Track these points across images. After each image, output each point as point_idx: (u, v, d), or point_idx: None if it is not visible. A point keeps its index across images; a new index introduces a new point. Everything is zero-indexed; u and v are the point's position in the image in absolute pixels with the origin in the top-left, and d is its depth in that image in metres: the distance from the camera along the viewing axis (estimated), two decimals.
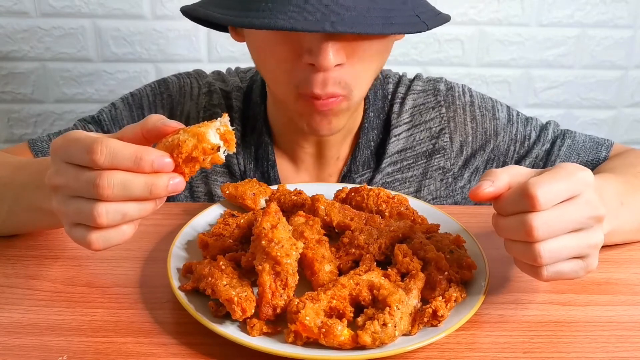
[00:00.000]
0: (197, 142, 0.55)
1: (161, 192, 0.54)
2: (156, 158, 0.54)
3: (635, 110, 1.71)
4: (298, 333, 0.54)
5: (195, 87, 0.97)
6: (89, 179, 0.53)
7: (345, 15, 0.66)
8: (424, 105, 0.96)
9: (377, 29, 0.67)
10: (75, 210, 0.55)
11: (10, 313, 0.61)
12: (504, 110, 0.98)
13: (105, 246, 0.56)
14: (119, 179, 0.53)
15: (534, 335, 0.59)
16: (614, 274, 0.69)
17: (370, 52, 0.75)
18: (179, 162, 0.55)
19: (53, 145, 0.57)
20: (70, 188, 0.55)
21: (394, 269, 0.62)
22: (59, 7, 1.48)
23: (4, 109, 1.58)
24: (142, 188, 0.53)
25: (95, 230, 0.55)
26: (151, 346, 0.57)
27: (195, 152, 0.55)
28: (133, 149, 0.53)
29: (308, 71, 0.73)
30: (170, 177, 0.55)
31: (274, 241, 0.58)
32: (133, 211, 0.55)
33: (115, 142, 0.53)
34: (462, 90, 0.98)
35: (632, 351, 0.57)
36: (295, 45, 0.73)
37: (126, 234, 0.56)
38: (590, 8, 1.57)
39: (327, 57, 0.70)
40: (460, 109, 0.96)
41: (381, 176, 0.93)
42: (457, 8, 1.53)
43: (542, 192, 0.53)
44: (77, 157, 0.54)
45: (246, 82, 0.98)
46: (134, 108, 0.96)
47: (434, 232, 0.71)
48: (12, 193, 0.69)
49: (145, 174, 0.54)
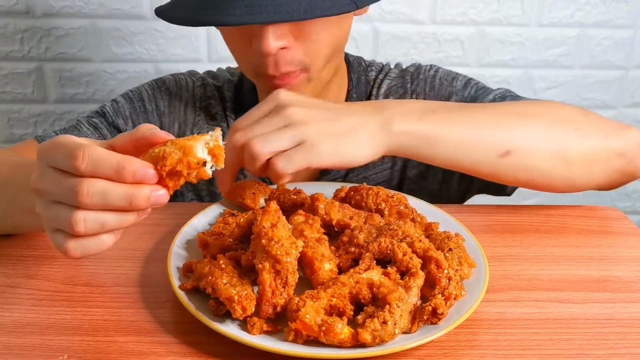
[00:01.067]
0: (183, 155, 0.53)
1: (141, 203, 0.53)
2: (138, 169, 0.52)
3: (635, 110, 1.71)
4: (298, 331, 0.54)
5: (190, 82, 1.01)
6: (70, 185, 0.52)
7: (268, 6, 0.70)
8: (395, 87, 0.99)
9: (297, 16, 0.71)
10: (54, 216, 0.54)
11: (10, 313, 0.62)
12: (463, 80, 0.99)
13: (82, 255, 0.54)
14: (98, 187, 0.51)
15: (533, 332, 0.59)
16: (613, 272, 0.70)
17: (316, 30, 0.78)
18: (163, 175, 0.53)
19: (39, 149, 0.56)
20: (52, 193, 0.54)
21: (394, 267, 0.62)
22: (59, 7, 1.48)
23: (4, 109, 1.58)
24: (122, 198, 0.52)
25: (73, 238, 0.54)
26: (152, 345, 0.57)
27: (180, 165, 0.53)
28: (116, 157, 0.52)
29: (259, 55, 0.77)
30: (152, 189, 0.53)
31: (273, 240, 0.58)
32: (112, 221, 0.53)
33: (99, 149, 0.52)
34: (430, 67, 1.01)
35: (631, 348, 0.57)
36: (244, 33, 0.78)
37: (105, 243, 0.55)
38: (590, 8, 1.57)
39: (268, 42, 0.74)
40: (422, 82, 0.98)
41: None
42: (457, 8, 1.54)
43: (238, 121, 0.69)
44: (60, 162, 0.53)
45: (236, 76, 1.02)
46: (135, 101, 0.98)
47: (433, 230, 0.71)
48: (9, 193, 0.69)
49: (126, 185, 0.52)
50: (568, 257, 0.73)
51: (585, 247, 0.75)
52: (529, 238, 0.76)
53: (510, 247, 0.74)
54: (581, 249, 0.75)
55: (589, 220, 0.81)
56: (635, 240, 0.77)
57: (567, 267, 0.70)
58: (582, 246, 0.75)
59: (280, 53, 0.77)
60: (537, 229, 0.78)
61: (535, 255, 0.73)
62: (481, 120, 0.75)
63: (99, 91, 1.57)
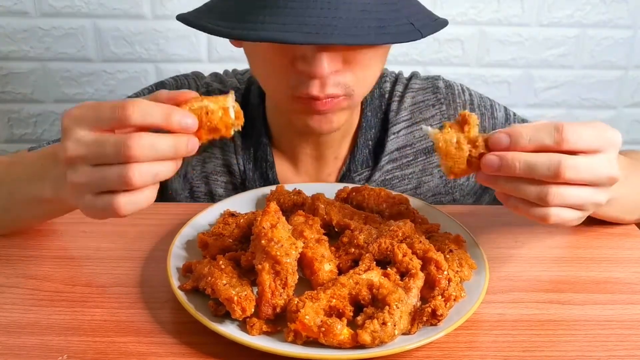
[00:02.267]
0: (223, 114, 0.58)
1: (183, 151, 0.56)
2: (182, 117, 0.55)
3: (635, 110, 1.71)
4: (298, 332, 0.54)
5: (194, 87, 0.97)
6: (117, 142, 0.53)
7: (337, 27, 0.66)
8: (423, 103, 0.96)
9: (369, 39, 0.67)
10: (100, 177, 0.55)
11: (10, 313, 0.62)
12: (501, 110, 0.99)
13: (132, 210, 0.56)
14: (147, 140, 0.54)
15: (533, 334, 0.59)
16: (613, 273, 0.70)
17: (368, 57, 0.75)
18: (202, 127, 0.57)
19: (69, 115, 0.57)
20: (93, 156, 0.55)
21: (394, 268, 0.62)
22: (59, 7, 1.48)
23: (4, 109, 1.58)
24: (169, 147, 0.55)
25: (122, 195, 0.55)
26: (151, 345, 0.57)
27: (220, 123, 0.57)
28: (163, 107, 0.55)
29: (303, 76, 0.73)
30: (188, 137, 0.56)
31: (273, 240, 0.58)
32: (162, 171, 0.56)
33: (144, 101, 0.55)
34: (461, 88, 0.99)
35: (631, 350, 0.57)
36: (289, 54, 0.73)
37: (151, 196, 0.57)
38: (590, 8, 1.57)
39: (321, 65, 0.70)
40: (460, 107, 0.96)
41: (380, 174, 0.93)
42: (457, 8, 1.53)
43: (571, 131, 0.55)
44: (106, 117, 0.55)
45: (244, 84, 0.98)
46: None
47: (434, 231, 0.71)
48: (6, 189, 0.70)
49: (168, 135, 0.55)
50: (568, 259, 0.73)
51: (585, 248, 0.75)
52: (530, 239, 0.76)
53: (511, 249, 0.74)
54: (581, 250, 0.74)
55: (590, 222, 0.81)
56: (635, 241, 0.77)
57: (568, 269, 0.70)
58: (582, 247, 0.75)
59: (330, 76, 0.73)
60: (537, 230, 0.78)
61: (535, 256, 0.73)
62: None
63: (99, 91, 1.57)
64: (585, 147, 0.56)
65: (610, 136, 0.58)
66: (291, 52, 0.73)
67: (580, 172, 0.55)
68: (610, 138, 0.58)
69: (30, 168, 0.67)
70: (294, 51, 0.73)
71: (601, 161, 0.57)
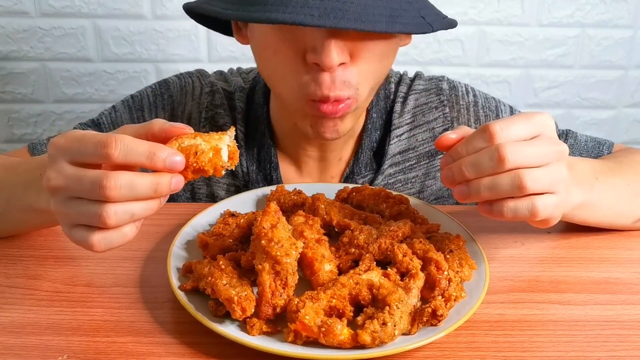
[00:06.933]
0: (214, 156, 0.56)
1: (165, 190, 0.54)
2: (168, 157, 0.54)
3: (635, 110, 1.71)
4: (298, 332, 0.54)
5: (197, 86, 0.96)
6: (94, 179, 0.52)
7: (349, 12, 0.65)
8: (426, 105, 0.95)
9: (381, 27, 0.67)
10: (77, 212, 0.55)
11: (10, 313, 0.61)
12: (507, 111, 0.97)
13: (107, 247, 0.55)
14: (125, 179, 0.52)
15: (533, 334, 0.59)
16: (614, 273, 0.70)
17: (374, 53, 0.74)
18: (189, 168, 0.56)
19: (54, 144, 0.56)
20: (73, 189, 0.54)
21: (394, 268, 0.62)
22: (59, 7, 1.48)
23: (4, 109, 1.58)
24: (148, 187, 0.53)
25: (97, 232, 0.55)
26: (151, 346, 0.57)
27: (208, 165, 0.56)
28: (147, 145, 0.54)
29: (313, 72, 0.72)
30: (172, 176, 0.55)
31: (273, 240, 0.58)
32: (139, 210, 0.55)
33: (128, 137, 0.53)
34: (466, 89, 0.97)
35: (632, 350, 0.57)
36: (299, 44, 0.72)
37: (127, 235, 0.56)
38: (590, 8, 1.57)
39: (331, 54, 0.69)
40: (464, 109, 0.95)
41: (383, 177, 0.93)
42: (457, 8, 1.54)
43: (499, 127, 0.57)
44: (88, 152, 0.54)
45: (249, 83, 0.97)
46: (134, 110, 0.95)
47: (434, 232, 0.71)
48: (4, 194, 0.69)
49: (149, 174, 0.54)
50: (569, 259, 0.73)
51: (585, 248, 0.75)
52: (530, 239, 0.76)
53: (511, 249, 0.74)
54: (582, 250, 0.74)
55: None
56: (636, 242, 0.76)
57: (568, 269, 0.70)
58: (582, 247, 0.75)
59: (338, 70, 0.72)
60: (537, 230, 0.78)
61: (535, 256, 0.73)
62: (622, 189, 0.75)
63: (99, 91, 1.57)
64: (521, 139, 0.58)
65: (540, 119, 0.60)
66: (302, 42, 0.72)
67: (522, 152, 0.57)
68: (539, 120, 0.60)
69: (25, 175, 0.66)
70: (304, 41, 0.72)
71: (540, 141, 0.59)
